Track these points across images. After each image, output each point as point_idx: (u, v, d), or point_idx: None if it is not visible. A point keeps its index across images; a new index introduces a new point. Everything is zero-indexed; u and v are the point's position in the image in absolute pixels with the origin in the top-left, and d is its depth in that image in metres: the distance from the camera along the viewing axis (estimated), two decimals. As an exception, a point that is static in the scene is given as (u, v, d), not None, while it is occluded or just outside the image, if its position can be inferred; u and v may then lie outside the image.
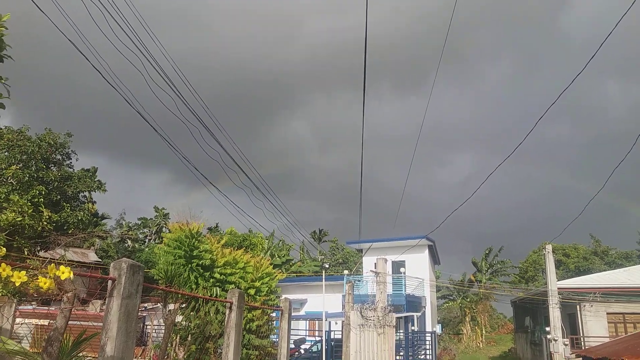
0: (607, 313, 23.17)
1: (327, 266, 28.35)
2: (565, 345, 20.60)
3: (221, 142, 10.33)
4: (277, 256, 41.54)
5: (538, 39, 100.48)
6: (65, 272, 2.99)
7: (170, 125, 9.22)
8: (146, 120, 7.88)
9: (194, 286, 11.48)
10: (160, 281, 10.02)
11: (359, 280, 29.17)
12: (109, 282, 3.66)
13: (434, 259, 38.68)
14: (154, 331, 24.69)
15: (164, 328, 9.02)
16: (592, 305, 23.16)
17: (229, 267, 11.90)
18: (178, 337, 9.81)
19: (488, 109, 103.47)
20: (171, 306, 7.41)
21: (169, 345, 9.42)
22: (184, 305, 11.02)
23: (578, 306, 23.28)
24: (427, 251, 32.88)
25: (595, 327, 22.91)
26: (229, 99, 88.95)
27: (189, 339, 9.50)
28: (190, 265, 11.44)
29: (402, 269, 29.86)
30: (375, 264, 19.20)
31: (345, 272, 28.95)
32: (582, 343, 22.43)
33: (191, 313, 10.63)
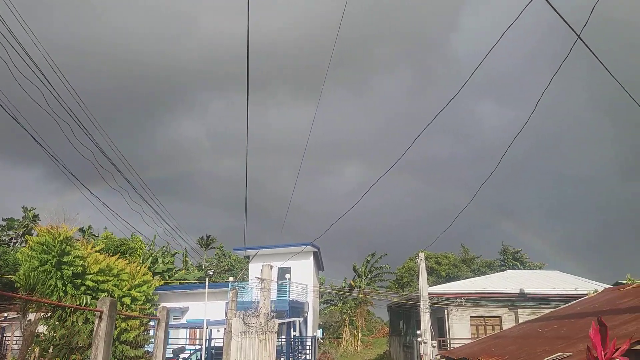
0: (471, 316, 25.31)
1: (211, 273, 27.79)
2: (434, 347, 22.11)
3: (100, 138, 9.70)
4: (161, 262, 39.72)
5: (432, 57, 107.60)
6: None
7: (44, 117, 8.42)
8: (6, 110, 7.17)
9: (61, 294, 10.65)
10: (20, 288, 9.14)
11: (244, 287, 28.97)
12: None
13: (319, 265, 39.66)
14: (14, 343, 22.51)
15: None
16: (457, 310, 25.18)
17: (102, 275, 11.21)
18: (38, 349, 8.99)
19: (382, 122, 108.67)
20: (32, 316, 6.80)
21: (28, 358, 8.61)
22: (49, 314, 10.15)
23: (446, 310, 25.16)
24: (312, 258, 33.60)
25: (460, 329, 24.92)
26: (117, 92, 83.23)
27: (51, 350, 8.76)
28: (59, 272, 10.60)
29: (287, 275, 30.18)
30: (261, 270, 19.22)
31: (230, 279, 28.60)
32: (449, 345, 24.23)
33: (56, 323, 9.82)
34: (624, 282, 16.44)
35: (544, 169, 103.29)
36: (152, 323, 12.66)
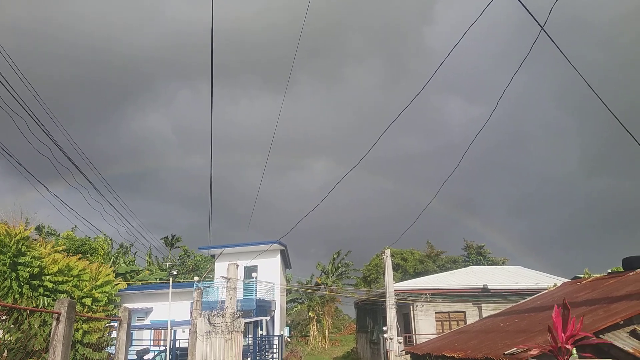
0: (436, 312, 25.74)
1: (175, 273, 27.33)
2: (400, 343, 22.36)
3: (57, 133, 9.35)
4: (123, 262, 38.80)
5: (405, 49, 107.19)
6: None
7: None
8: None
9: (17, 296, 10.25)
10: (-27, 292, 8.75)
11: (209, 287, 28.62)
12: None
13: (286, 263, 39.59)
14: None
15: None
16: (423, 305, 25.56)
17: (61, 275, 10.85)
18: (-8, 355, 8.63)
19: (354, 116, 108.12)
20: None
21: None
22: (4, 317, 9.77)
23: (411, 306, 25.50)
24: (279, 256, 33.50)
25: (426, 325, 25.32)
26: (77, 80, 79.96)
27: (5, 354, 8.43)
28: (15, 273, 10.21)
29: (254, 274, 29.98)
30: (227, 269, 19.01)
31: (195, 278, 28.20)
32: (415, 340, 24.55)
33: (12, 326, 9.45)
34: (582, 276, 17.04)
35: (508, 165, 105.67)
36: (115, 324, 12.35)
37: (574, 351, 5.54)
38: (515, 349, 7.84)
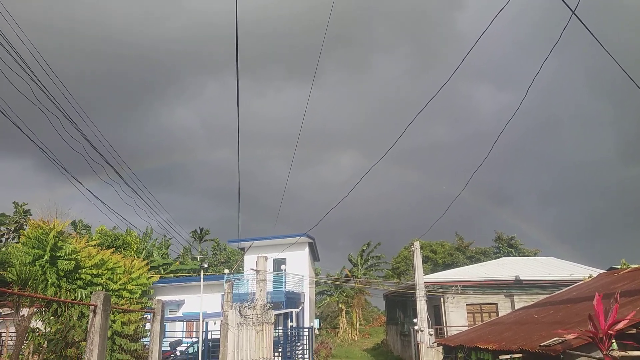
0: (467, 304, 25.43)
1: (206, 265, 27.71)
2: (431, 335, 22.22)
3: (88, 130, 9.52)
4: (158, 255, 39.56)
5: (435, 36, 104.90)
6: None
7: (31, 106, 8.16)
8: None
9: (56, 289, 10.55)
10: (13, 284, 9.04)
11: (239, 279, 28.95)
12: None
13: (314, 256, 39.70)
14: (10, 339, 22.40)
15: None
16: (454, 297, 25.29)
17: (96, 269, 11.11)
18: (33, 345, 8.92)
19: (382, 105, 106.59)
20: (25, 311, 6.73)
21: (23, 353, 8.54)
22: (44, 309, 10.08)
23: (442, 298, 25.27)
24: (307, 248, 33.61)
25: (456, 317, 25.06)
26: (103, 76, 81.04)
27: (45, 345, 8.69)
28: (53, 267, 10.50)
29: (282, 267, 30.19)
30: (256, 262, 19.17)
31: (226, 271, 28.55)
32: (445, 332, 24.37)
33: (51, 318, 9.75)
34: (618, 267, 16.54)
35: (540, 153, 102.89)
36: (148, 316, 12.61)
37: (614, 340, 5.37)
38: (553, 339, 7.64)
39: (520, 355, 8.84)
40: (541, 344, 8.12)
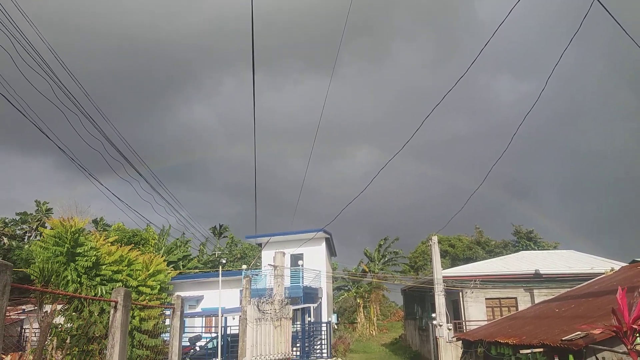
0: (486, 298, 25.17)
1: (224, 261, 27.93)
2: (449, 330, 22.08)
3: (107, 127, 9.62)
4: (178, 252, 39.94)
5: (456, 23, 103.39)
6: None
7: (50, 105, 8.27)
8: (10, 102, 7.11)
9: (77, 285, 10.72)
10: (36, 281, 9.20)
11: (257, 275, 29.10)
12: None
13: (331, 251, 39.73)
14: (34, 335, 22.87)
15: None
16: (472, 292, 25.05)
17: (116, 265, 11.25)
18: (55, 340, 9.08)
19: (401, 98, 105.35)
20: (48, 307, 6.84)
21: (46, 348, 8.70)
22: (66, 306, 10.24)
23: (460, 293, 25.05)
24: (324, 244, 33.63)
25: (475, 311, 24.82)
26: (120, 72, 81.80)
27: (68, 341, 8.84)
28: (73, 264, 10.66)
29: (300, 262, 30.27)
30: (273, 257, 19.25)
31: (244, 266, 28.73)
32: (464, 327, 24.17)
33: (73, 314, 9.91)
34: (641, 259, 16.20)
35: (559, 144, 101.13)
36: (168, 312, 12.74)
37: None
38: (575, 333, 7.52)
39: (541, 349, 8.73)
40: (563, 338, 8.00)
